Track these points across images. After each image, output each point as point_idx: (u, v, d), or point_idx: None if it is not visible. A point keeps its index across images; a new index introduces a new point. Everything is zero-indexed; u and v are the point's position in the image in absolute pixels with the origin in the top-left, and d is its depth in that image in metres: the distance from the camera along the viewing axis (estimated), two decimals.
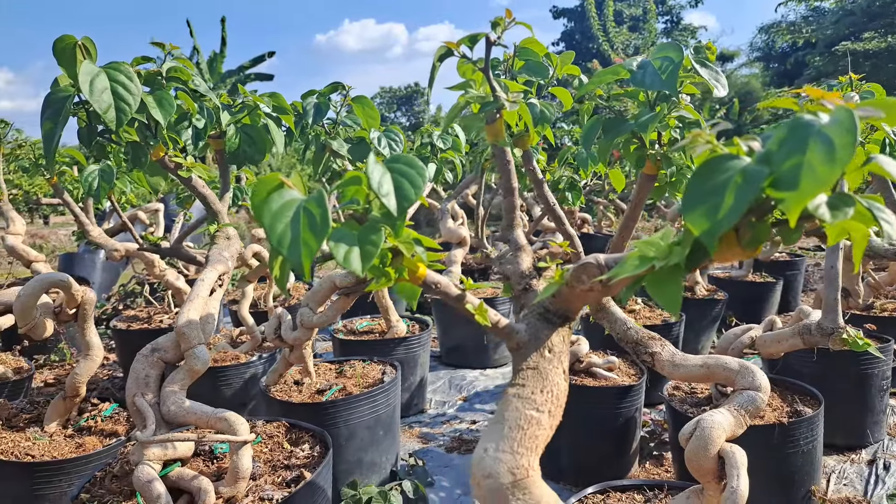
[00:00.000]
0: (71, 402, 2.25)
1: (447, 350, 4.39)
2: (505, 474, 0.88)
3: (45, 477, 2.00)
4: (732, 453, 1.43)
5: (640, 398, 2.86)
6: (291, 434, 1.95)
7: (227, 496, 1.55)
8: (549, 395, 0.94)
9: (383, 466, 2.68)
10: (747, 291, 4.90)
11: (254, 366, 3.09)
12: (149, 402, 1.58)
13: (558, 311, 1.02)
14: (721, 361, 1.61)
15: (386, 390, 2.63)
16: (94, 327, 2.27)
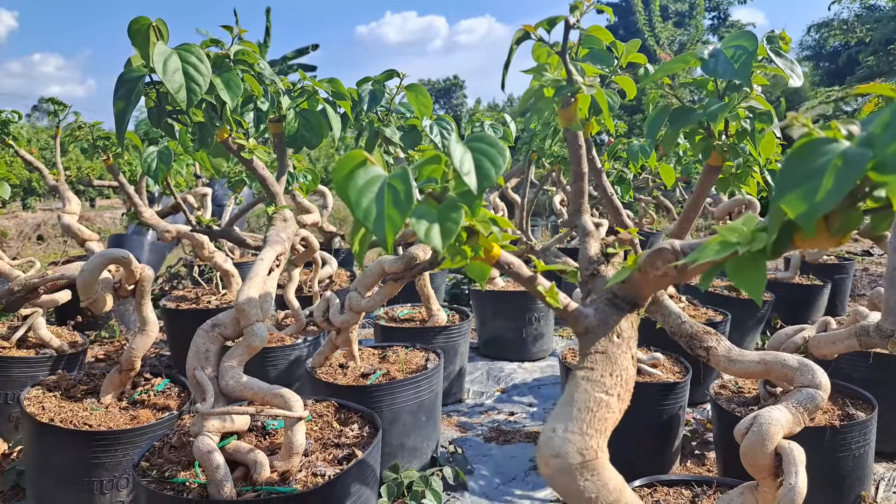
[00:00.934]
0: (126, 376, 2.32)
1: (485, 341, 4.40)
2: (574, 455, 0.89)
3: (102, 446, 2.07)
4: (791, 450, 1.41)
5: (684, 396, 2.83)
6: (340, 414, 1.98)
7: (282, 470, 1.58)
8: (619, 379, 0.94)
9: (424, 452, 2.71)
10: (794, 294, 4.80)
11: (298, 348, 3.15)
12: (208, 376, 1.62)
13: (627, 297, 1.01)
14: (779, 358, 1.58)
15: (429, 376, 2.65)
16: (150, 304, 2.34)
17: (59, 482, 2.12)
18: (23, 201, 12.21)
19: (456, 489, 2.69)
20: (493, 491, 2.72)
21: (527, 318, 4.24)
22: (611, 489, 0.90)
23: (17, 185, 11.60)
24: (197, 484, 1.54)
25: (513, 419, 3.50)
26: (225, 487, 1.47)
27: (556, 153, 3.13)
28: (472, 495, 2.67)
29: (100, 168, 12.51)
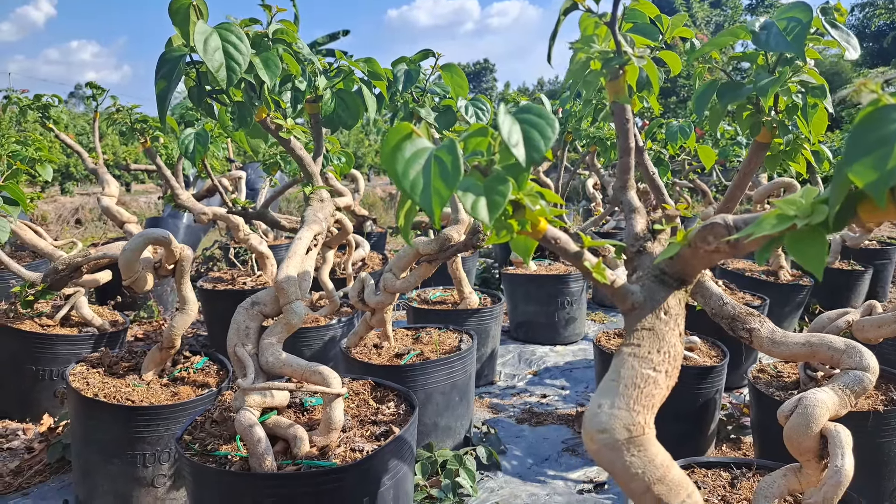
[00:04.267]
0: (166, 353, 2.37)
1: (517, 325, 4.39)
2: (620, 430, 0.88)
3: (144, 421, 2.12)
4: (837, 433, 1.38)
5: (721, 380, 2.79)
6: (377, 392, 2.00)
7: (321, 445, 1.60)
8: (666, 355, 0.93)
9: (457, 432, 2.72)
10: (834, 279, 4.69)
11: (333, 328, 3.18)
12: (248, 353, 1.64)
13: (675, 274, 1.00)
14: (826, 340, 1.55)
15: (463, 357, 2.66)
16: (189, 283, 2.38)
17: (103, 455, 2.17)
18: (61, 186, 12.50)
19: (489, 469, 2.70)
20: (525, 471, 2.72)
21: (559, 302, 4.22)
22: (657, 465, 0.89)
23: (56, 169, 11.87)
24: (238, 457, 1.57)
25: (545, 401, 3.49)
26: (266, 461, 1.49)
27: (593, 134, 3.08)
28: (505, 475, 2.68)
29: (135, 153, 12.71)
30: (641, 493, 0.89)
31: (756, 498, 1.47)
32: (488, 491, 2.56)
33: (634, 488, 0.89)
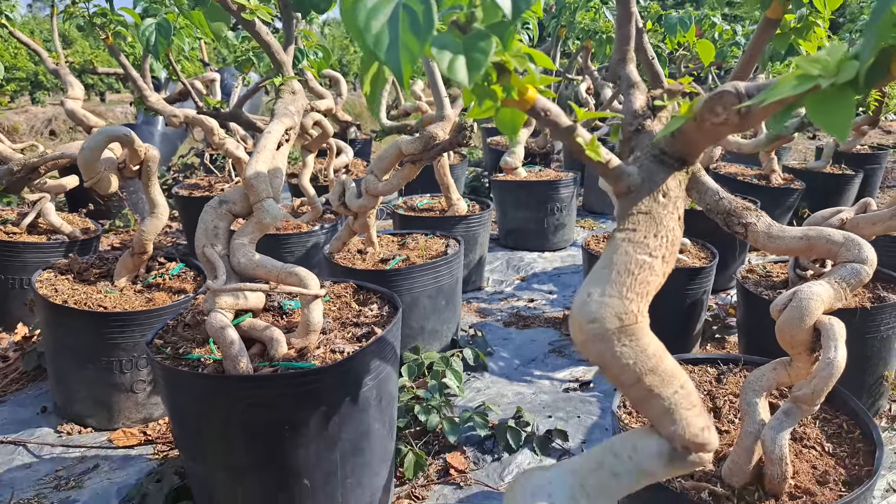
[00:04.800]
0: (139, 259, 2.28)
1: (506, 232, 4.33)
2: (611, 319, 0.81)
3: (118, 327, 2.06)
4: (831, 325, 1.34)
5: (709, 281, 2.76)
6: (359, 295, 1.94)
7: (299, 347, 1.55)
8: (664, 240, 0.85)
9: (444, 335, 2.70)
10: (824, 183, 4.62)
11: (316, 235, 3.09)
12: (219, 254, 1.56)
13: (676, 153, 0.90)
14: (824, 233, 1.48)
15: (449, 262, 2.60)
16: (158, 186, 2.26)
17: (76, 362, 2.13)
18: (31, 95, 11.99)
19: (476, 370, 2.70)
20: (512, 372, 2.73)
21: (548, 208, 4.14)
22: (650, 355, 0.83)
23: (25, 78, 11.34)
24: (212, 360, 1.51)
25: (532, 305, 3.48)
26: (241, 363, 1.43)
27: (588, 26, 2.89)
28: (491, 375, 2.68)
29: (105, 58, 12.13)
30: (632, 385, 0.83)
31: (744, 391, 1.44)
32: (475, 391, 2.56)
33: (625, 380, 0.83)
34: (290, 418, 1.48)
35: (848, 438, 1.58)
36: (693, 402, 0.84)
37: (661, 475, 0.85)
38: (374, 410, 1.65)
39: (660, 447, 0.84)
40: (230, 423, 1.47)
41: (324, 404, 1.51)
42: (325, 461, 1.57)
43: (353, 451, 1.62)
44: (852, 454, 1.53)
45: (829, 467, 1.48)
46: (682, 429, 0.83)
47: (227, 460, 1.54)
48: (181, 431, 1.60)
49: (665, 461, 0.84)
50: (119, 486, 1.96)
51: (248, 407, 1.45)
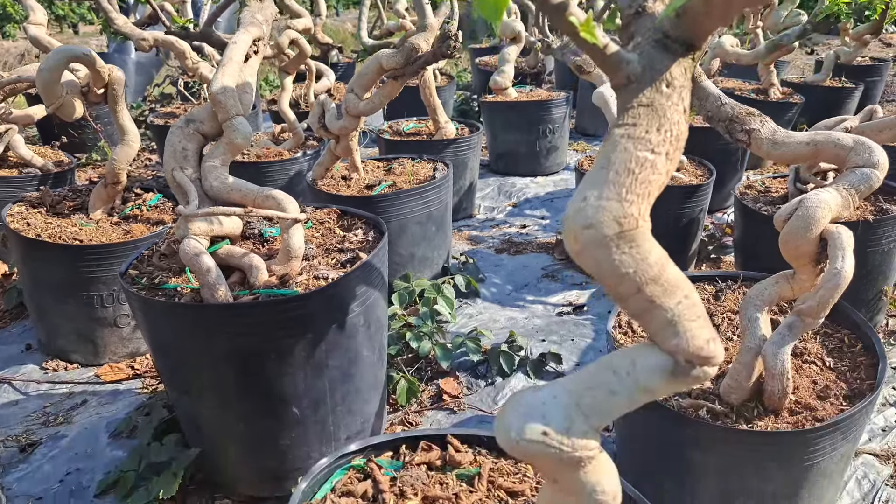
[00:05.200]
0: (113, 190, 2.18)
1: (496, 157, 4.21)
2: (609, 224, 0.73)
3: (95, 260, 1.98)
4: (839, 234, 1.27)
5: (706, 199, 2.69)
6: (343, 221, 1.85)
7: (280, 273, 1.48)
8: (668, 135, 0.76)
9: (435, 262, 2.64)
10: (824, 97, 4.49)
11: (298, 162, 2.98)
12: (189, 178, 1.46)
13: (681, 36, 0.80)
14: (832, 137, 1.39)
15: (438, 186, 2.50)
16: (126, 111, 2.13)
17: (56, 297, 2.06)
18: (1, 31, 11.49)
19: (468, 296, 2.65)
20: (504, 297, 2.68)
21: (540, 130, 4.00)
22: (651, 263, 0.75)
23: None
24: (189, 289, 1.44)
25: (524, 231, 3.41)
26: (219, 291, 1.36)
27: None
28: (483, 302, 2.64)
29: None
30: (631, 296, 0.76)
31: (745, 306, 1.39)
32: (467, 317, 2.52)
33: (624, 291, 0.76)
34: (275, 347, 1.43)
35: (849, 353, 1.55)
36: (698, 313, 0.77)
37: (662, 392, 0.79)
38: (362, 337, 1.60)
39: (661, 362, 0.78)
40: (212, 354, 1.41)
41: (309, 332, 1.45)
42: (313, 389, 1.53)
43: (342, 378, 1.58)
44: (853, 368, 1.49)
45: (830, 382, 1.45)
46: (685, 341, 0.76)
47: (211, 391, 1.49)
48: (163, 364, 1.54)
49: (667, 376, 0.78)
50: (108, 421, 1.93)
51: (229, 336, 1.39)
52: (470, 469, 1.21)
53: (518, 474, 1.20)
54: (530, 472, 1.20)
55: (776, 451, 1.29)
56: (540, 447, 0.78)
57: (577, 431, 0.79)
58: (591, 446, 0.80)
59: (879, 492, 1.68)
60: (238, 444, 1.57)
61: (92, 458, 1.80)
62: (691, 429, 1.32)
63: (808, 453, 1.30)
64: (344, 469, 1.19)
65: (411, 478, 1.17)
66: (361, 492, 1.14)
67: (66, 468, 1.77)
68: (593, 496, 0.82)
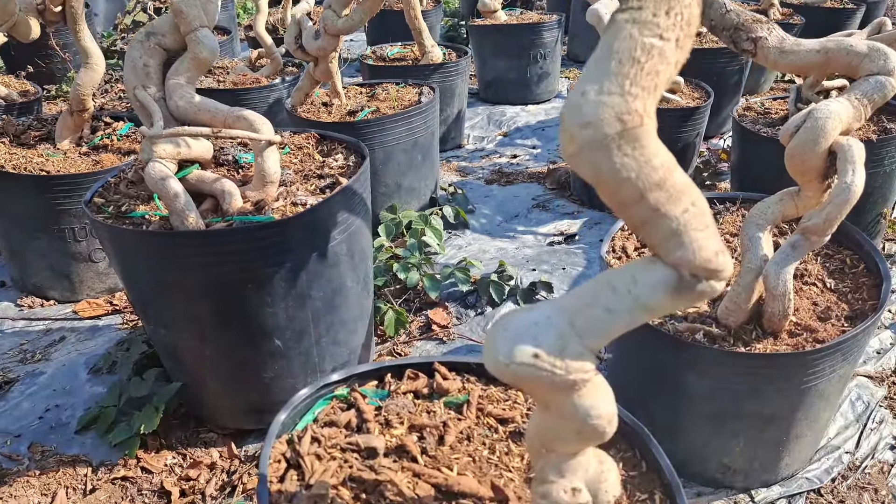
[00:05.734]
0: (80, 118, 2.06)
1: (485, 85, 4.06)
2: (610, 122, 0.64)
3: (64, 192, 1.88)
4: (849, 146, 1.19)
5: (702, 123, 2.59)
6: (323, 146, 1.75)
7: (255, 199, 1.39)
8: (678, 18, 0.67)
9: (423, 193, 2.55)
10: (824, 18, 4.33)
11: (277, 89, 2.84)
12: (153, 97, 1.35)
13: None
14: (844, 44, 1.29)
15: (423, 111, 2.39)
16: (88, 32, 1.98)
17: (27, 232, 1.97)
18: None
19: (457, 227, 2.58)
20: (494, 228, 2.61)
21: (531, 56, 3.84)
22: (656, 166, 0.67)
23: None
24: (158, 217, 1.36)
25: (515, 161, 3.31)
26: (188, 217, 1.28)
27: None
28: (473, 233, 2.57)
29: None
30: (633, 204, 0.69)
31: (746, 226, 1.32)
32: (456, 248, 2.45)
33: (625, 198, 0.68)
34: (252, 277, 1.35)
35: (851, 273, 1.49)
36: (706, 222, 0.70)
37: (664, 309, 0.73)
38: (345, 266, 1.53)
39: (664, 277, 0.71)
40: (185, 285, 1.34)
41: (288, 261, 1.37)
42: (296, 320, 1.47)
43: (326, 308, 1.52)
44: (855, 289, 1.44)
45: (831, 303, 1.40)
46: (692, 253, 0.69)
47: (188, 324, 1.43)
48: (136, 297, 1.47)
49: (670, 292, 0.71)
50: (87, 357, 1.87)
51: (202, 266, 1.31)
52: (458, 397, 1.16)
53: (508, 401, 1.16)
54: (521, 399, 1.16)
55: (774, 373, 1.25)
56: (531, 370, 0.72)
57: (570, 353, 0.73)
58: (585, 368, 0.74)
59: (873, 413, 1.67)
60: (219, 376, 1.52)
61: (71, 395, 1.75)
62: (688, 353, 1.28)
63: (807, 375, 1.26)
64: (326, 399, 1.13)
65: (397, 406, 1.13)
66: (345, 422, 1.09)
67: (44, 405, 1.72)
68: (588, 421, 0.76)
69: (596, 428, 0.78)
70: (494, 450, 1.08)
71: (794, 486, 1.47)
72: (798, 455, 1.45)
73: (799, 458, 1.47)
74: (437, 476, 1.00)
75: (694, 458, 1.45)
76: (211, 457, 1.59)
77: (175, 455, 1.59)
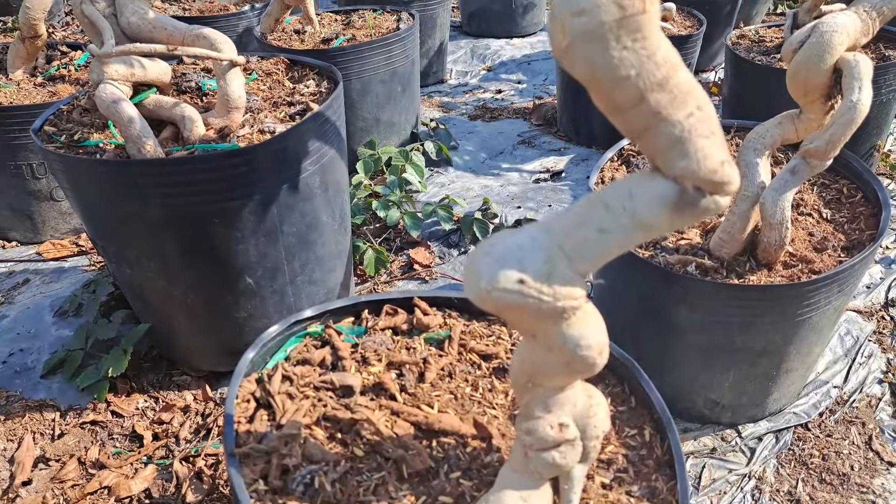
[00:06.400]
0: (32, 46, 1.92)
1: (468, 16, 3.89)
2: (608, 7, 0.56)
3: (18, 124, 1.76)
4: (856, 62, 1.11)
5: (695, 52, 2.49)
6: (293, 72, 1.64)
7: (219, 126, 1.29)
8: None
9: (403, 128, 2.44)
10: None
11: (246, 17, 2.67)
12: (101, 12, 1.23)
13: None
14: None
15: (403, 39, 2.26)
16: None
17: None
18: None
19: (439, 165, 2.48)
20: (479, 165, 2.52)
21: None
22: (658, 62, 0.59)
23: None
24: (114, 146, 1.26)
25: (500, 97, 3.19)
26: (145, 144, 1.18)
27: None
28: (456, 170, 2.48)
29: None
30: (632, 107, 0.61)
31: (743, 151, 1.25)
32: (438, 186, 2.36)
33: (622, 100, 0.61)
34: (218, 210, 1.27)
35: (848, 203, 1.43)
36: (711, 128, 0.62)
37: (663, 228, 0.66)
38: (319, 200, 1.44)
39: (665, 191, 0.63)
40: (146, 219, 1.25)
41: (257, 193, 1.29)
42: (268, 257, 1.39)
43: (300, 245, 1.44)
44: (852, 219, 1.38)
45: (828, 233, 1.34)
46: (696, 163, 0.61)
47: (153, 261, 1.34)
48: (95, 232, 1.38)
49: (670, 208, 0.64)
50: (52, 300, 1.79)
51: (163, 198, 1.22)
52: (439, 333, 1.10)
53: (492, 336, 1.10)
54: (505, 334, 1.10)
55: (768, 306, 1.20)
56: (516, 297, 0.65)
57: (559, 278, 0.66)
58: (575, 295, 0.67)
59: (862, 347, 1.64)
60: (189, 317, 1.44)
61: (36, 338, 1.67)
62: (679, 286, 1.22)
63: (802, 308, 1.21)
64: (299, 337, 1.07)
65: (374, 343, 1.06)
66: (319, 360, 1.03)
67: (8, 349, 1.65)
68: (577, 351, 0.70)
69: (585, 359, 0.72)
70: (477, 387, 1.03)
71: (782, 421, 1.45)
72: (787, 390, 1.43)
73: (788, 393, 1.44)
74: (417, 414, 0.95)
75: (682, 394, 1.41)
76: (184, 400, 1.53)
77: (147, 398, 1.53)
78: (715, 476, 1.34)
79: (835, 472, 1.34)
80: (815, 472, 1.34)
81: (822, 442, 1.40)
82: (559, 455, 0.79)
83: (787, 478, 1.33)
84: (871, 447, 1.39)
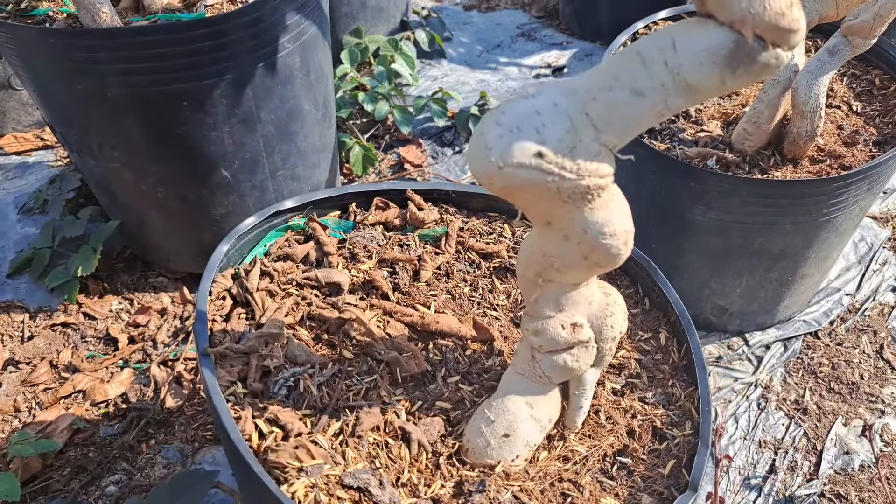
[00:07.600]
0: None
1: None
2: None
3: None
4: None
5: None
6: None
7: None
8: None
9: (392, 14, 2.25)
10: None
11: None
12: None
13: None
14: None
15: None
16: None
17: None
18: None
19: (431, 57, 2.31)
20: (474, 59, 2.34)
21: None
22: None
23: None
24: (65, 14, 1.10)
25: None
26: (100, 12, 1.03)
27: None
28: (450, 63, 2.30)
29: None
30: None
31: None
32: (431, 79, 2.20)
33: None
34: (187, 91, 1.13)
35: (880, 95, 1.31)
36: None
37: (711, 90, 0.54)
38: (300, 85, 1.30)
39: (718, 41, 0.51)
40: (106, 100, 1.11)
41: (229, 72, 1.14)
42: (245, 147, 1.27)
43: (280, 135, 1.31)
44: (885, 112, 1.27)
45: (858, 127, 1.23)
46: (760, 4, 0.49)
47: (117, 150, 1.21)
48: (52, 117, 1.24)
49: (722, 64, 0.52)
50: (16, 196, 1.66)
51: (123, 75, 1.08)
52: (435, 229, 1.00)
53: (493, 234, 1.00)
54: (507, 232, 1.00)
55: (793, 204, 1.10)
56: (533, 174, 0.54)
57: (583, 151, 0.55)
58: (602, 172, 0.56)
59: (876, 254, 1.57)
60: (162, 214, 1.33)
61: (1, 237, 1.56)
62: (697, 181, 1.12)
63: (828, 206, 1.12)
64: (280, 230, 0.96)
65: (364, 239, 0.96)
66: (302, 255, 0.93)
67: None
68: (600, 239, 0.60)
69: (608, 249, 0.61)
70: (477, 287, 0.94)
71: (792, 329, 1.39)
72: (799, 297, 1.35)
73: (799, 301, 1.38)
74: (412, 314, 0.86)
75: (689, 301, 1.33)
76: (161, 302, 1.44)
77: (121, 301, 1.44)
78: (720, 384, 1.29)
79: (844, 382, 1.29)
80: (823, 381, 1.29)
81: (832, 350, 1.35)
82: (571, 358, 0.71)
83: (795, 387, 1.28)
84: (882, 356, 1.34)
